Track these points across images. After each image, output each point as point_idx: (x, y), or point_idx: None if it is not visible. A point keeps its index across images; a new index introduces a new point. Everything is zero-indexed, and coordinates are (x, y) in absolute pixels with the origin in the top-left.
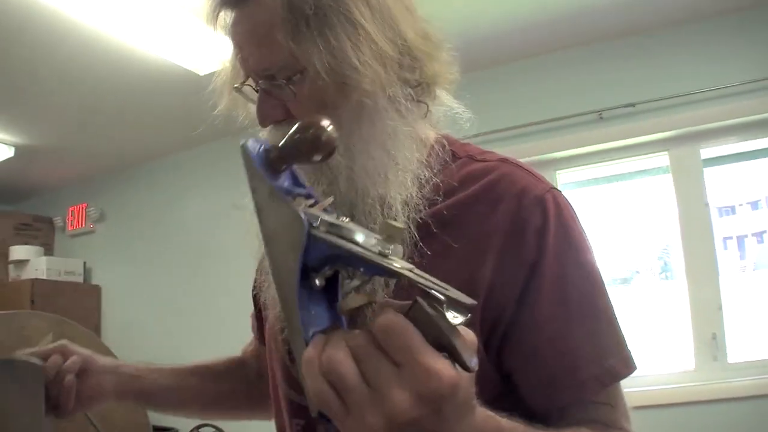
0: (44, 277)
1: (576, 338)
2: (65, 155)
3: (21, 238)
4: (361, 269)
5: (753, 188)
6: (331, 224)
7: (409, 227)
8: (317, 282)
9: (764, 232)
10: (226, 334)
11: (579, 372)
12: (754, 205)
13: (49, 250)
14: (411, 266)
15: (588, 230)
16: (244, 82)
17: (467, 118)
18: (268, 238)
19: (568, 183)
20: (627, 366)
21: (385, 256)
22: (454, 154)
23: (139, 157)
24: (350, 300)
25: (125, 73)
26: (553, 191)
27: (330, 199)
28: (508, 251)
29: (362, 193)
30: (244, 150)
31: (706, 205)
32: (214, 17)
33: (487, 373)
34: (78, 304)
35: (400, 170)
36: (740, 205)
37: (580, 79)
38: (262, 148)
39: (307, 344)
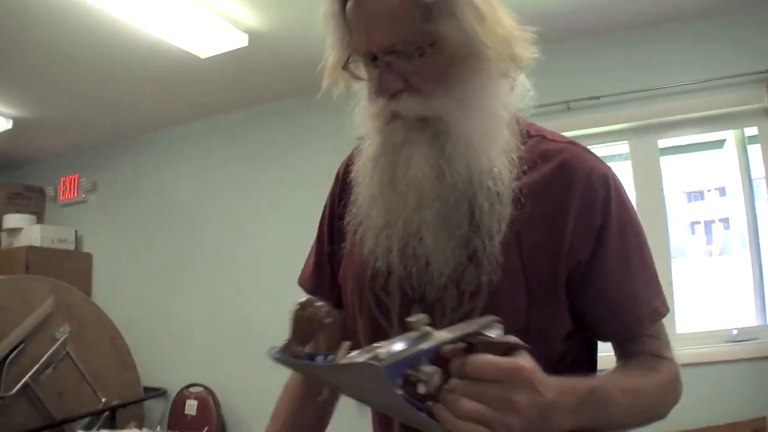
0: (38, 245)
1: (634, 284)
2: (60, 128)
3: (13, 207)
4: (420, 360)
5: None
6: (387, 353)
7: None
8: (421, 389)
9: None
10: (212, 300)
11: (636, 311)
12: (722, 191)
13: (40, 219)
14: (444, 333)
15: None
16: (354, 60)
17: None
18: (360, 396)
19: None
20: (666, 307)
21: (426, 338)
22: (528, 132)
23: (133, 131)
24: (433, 378)
25: (124, 52)
26: (612, 171)
27: (347, 344)
28: (581, 217)
29: (473, 158)
30: (277, 359)
31: (661, 190)
32: (341, 13)
33: (565, 314)
34: (70, 270)
35: (495, 145)
36: (709, 191)
37: (550, 73)
38: (281, 348)
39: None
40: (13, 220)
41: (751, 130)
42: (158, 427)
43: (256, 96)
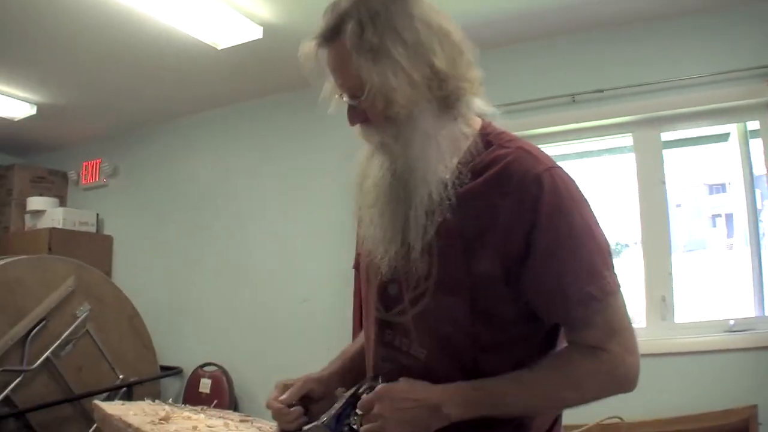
0: (60, 227)
1: (563, 275)
2: (83, 114)
3: (36, 190)
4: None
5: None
6: (327, 416)
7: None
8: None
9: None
10: (227, 283)
11: (565, 299)
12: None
13: (62, 203)
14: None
15: (584, 196)
16: (340, 94)
17: (491, 114)
18: None
19: None
20: (604, 292)
21: (342, 398)
22: (489, 142)
23: (153, 118)
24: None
25: (144, 42)
26: (551, 170)
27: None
28: (512, 215)
29: (410, 161)
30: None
31: (663, 182)
32: (315, 53)
33: (508, 302)
34: (91, 252)
35: (436, 155)
36: (730, 183)
37: (556, 66)
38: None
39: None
40: (36, 202)
41: (754, 124)
42: (170, 399)
43: (271, 86)
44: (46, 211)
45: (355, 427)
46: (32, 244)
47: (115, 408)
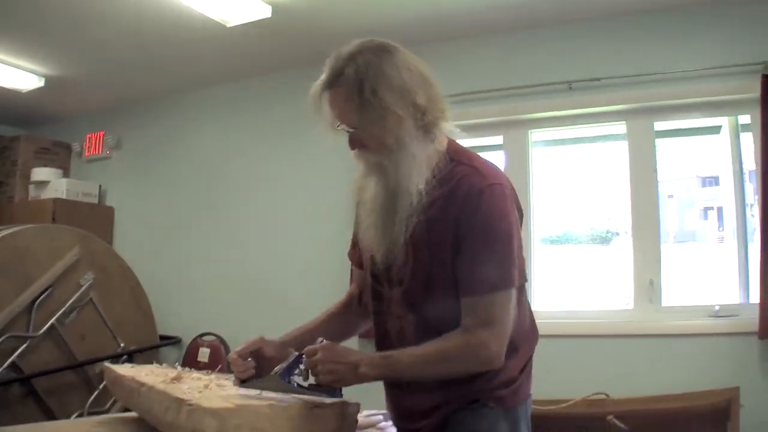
0: (64, 197)
1: (475, 262)
2: (89, 87)
3: (40, 161)
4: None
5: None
6: (279, 368)
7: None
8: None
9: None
10: (226, 255)
11: (469, 285)
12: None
13: (65, 174)
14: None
15: (513, 202)
16: (339, 125)
17: (458, 133)
18: (281, 390)
19: (539, 141)
20: (492, 286)
21: (292, 355)
22: (453, 159)
23: (159, 92)
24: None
25: (153, 17)
26: (491, 186)
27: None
28: (458, 220)
29: (400, 178)
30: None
31: (655, 170)
32: (319, 97)
33: (452, 280)
34: (93, 222)
35: (417, 172)
36: (722, 177)
37: (554, 54)
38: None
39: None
40: (41, 173)
41: (745, 119)
42: (176, 364)
43: (277, 64)
44: (50, 182)
45: (297, 381)
46: (36, 214)
47: (126, 369)
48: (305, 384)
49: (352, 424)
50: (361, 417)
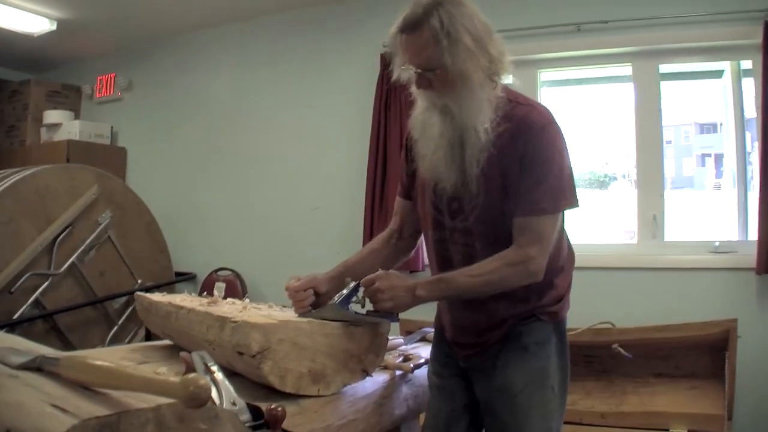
0: (77, 139)
1: (531, 190)
2: (100, 29)
3: (51, 105)
4: (353, 294)
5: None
6: (338, 297)
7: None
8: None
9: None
10: (239, 190)
11: (524, 205)
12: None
13: (76, 116)
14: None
15: (565, 138)
16: (408, 66)
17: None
18: (341, 317)
19: (548, 81)
20: (552, 208)
21: (349, 285)
22: (510, 101)
23: (169, 32)
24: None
25: None
26: (551, 123)
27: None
28: (524, 148)
29: (466, 117)
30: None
31: (659, 109)
32: (395, 38)
33: (503, 194)
34: (107, 163)
35: (483, 112)
36: (721, 124)
37: None
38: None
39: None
40: (53, 116)
41: (747, 64)
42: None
43: (288, 1)
44: (62, 125)
45: (355, 308)
46: (50, 155)
47: (160, 297)
48: (363, 311)
49: (383, 342)
50: None
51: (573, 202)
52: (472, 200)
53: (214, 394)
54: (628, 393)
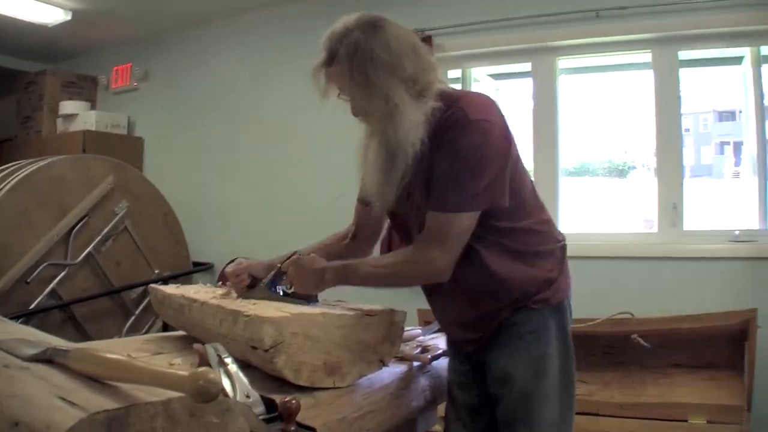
0: (93, 129)
1: (439, 189)
2: (115, 19)
3: (66, 95)
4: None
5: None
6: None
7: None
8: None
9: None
10: (255, 181)
11: (431, 200)
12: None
13: (92, 107)
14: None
15: (501, 136)
16: (339, 95)
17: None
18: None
19: (566, 69)
20: (457, 207)
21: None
22: (445, 105)
23: (185, 22)
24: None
25: None
26: (474, 122)
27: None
28: (443, 144)
29: (400, 140)
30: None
31: (678, 96)
32: (318, 74)
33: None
34: (123, 153)
35: (413, 131)
36: (740, 112)
37: None
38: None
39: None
40: (69, 106)
41: (767, 49)
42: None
43: None
44: (78, 115)
45: (283, 288)
46: (67, 146)
47: (172, 289)
48: (289, 292)
49: (398, 331)
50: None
51: (483, 203)
52: (414, 214)
53: (227, 386)
54: (646, 384)
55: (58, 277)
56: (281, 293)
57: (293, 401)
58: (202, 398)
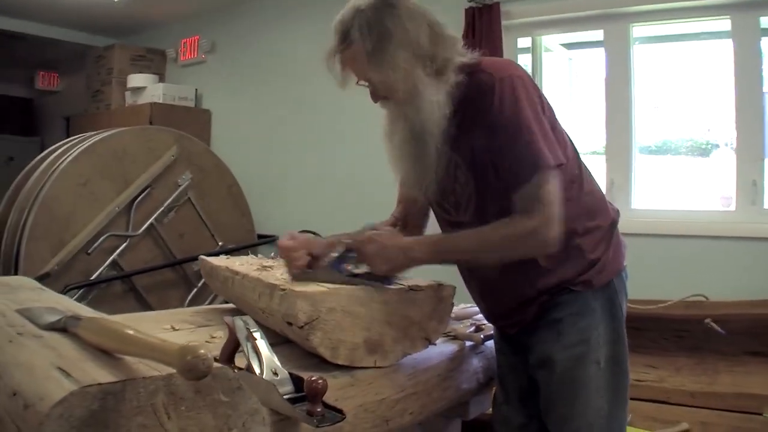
0: (161, 102)
1: (513, 154)
2: None
3: (135, 69)
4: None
5: None
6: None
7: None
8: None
9: None
10: (322, 153)
11: (515, 171)
12: None
13: (161, 80)
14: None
15: (530, 86)
16: (357, 81)
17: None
18: (333, 280)
19: (640, 37)
20: (544, 163)
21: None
22: (466, 76)
23: None
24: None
25: None
26: (501, 80)
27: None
28: (483, 120)
29: (423, 121)
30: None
31: (760, 67)
32: (332, 58)
33: (492, 169)
34: (190, 126)
35: (436, 112)
36: None
37: None
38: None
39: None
40: (137, 79)
41: None
42: (272, 254)
43: None
44: (146, 88)
45: (350, 268)
46: (134, 119)
47: (220, 260)
48: (357, 272)
49: (447, 307)
50: (457, 309)
51: (558, 156)
52: (464, 191)
53: (254, 362)
54: (720, 372)
55: (120, 249)
56: (348, 274)
57: (320, 380)
58: (190, 375)
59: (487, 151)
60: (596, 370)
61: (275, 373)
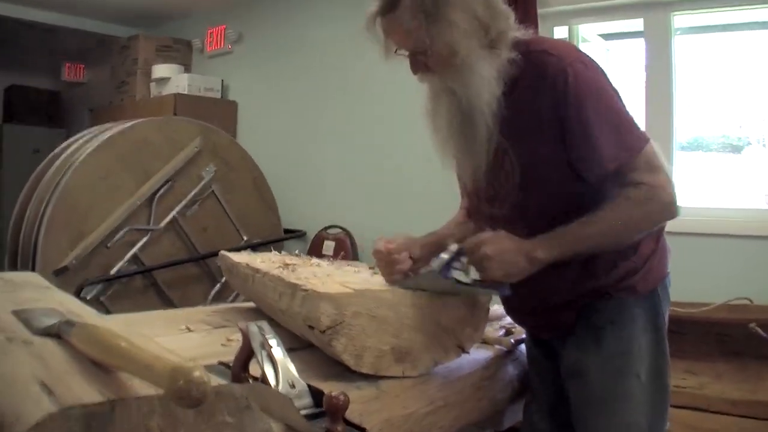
0: (186, 92)
1: (596, 142)
2: None
3: (161, 59)
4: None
5: None
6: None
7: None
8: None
9: None
10: (351, 147)
11: (600, 159)
12: None
13: (187, 70)
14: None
15: (595, 67)
16: (397, 50)
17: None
18: (442, 289)
19: (682, 27)
20: (635, 146)
21: (449, 249)
22: (523, 54)
23: None
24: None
25: None
26: (571, 64)
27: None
28: (552, 99)
29: (471, 97)
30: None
31: None
32: (372, 22)
33: (563, 163)
34: (217, 117)
35: (488, 88)
36: None
37: None
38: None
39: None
40: (161, 70)
41: None
42: (296, 251)
43: None
44: (171, 78)
45: (458, 277)
46: (158, 109)
47: (241, 256)
48: (467, 280)
49: (483, 314)
50: None
51: (645, 133)
52: (507, 180)
53: (269, 373)
54: (763, 379)
55: (140, 242)
56: (457, 282)
57: (341, 396)
58: (181, 402)
59: (551, 141)
60: (637, 383)
61: (292, 385)
